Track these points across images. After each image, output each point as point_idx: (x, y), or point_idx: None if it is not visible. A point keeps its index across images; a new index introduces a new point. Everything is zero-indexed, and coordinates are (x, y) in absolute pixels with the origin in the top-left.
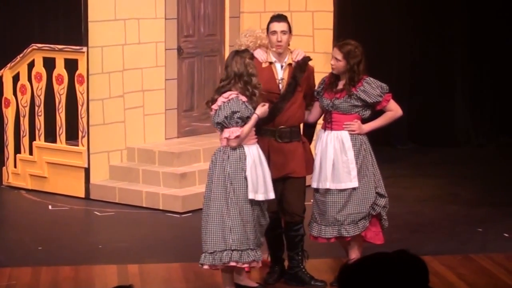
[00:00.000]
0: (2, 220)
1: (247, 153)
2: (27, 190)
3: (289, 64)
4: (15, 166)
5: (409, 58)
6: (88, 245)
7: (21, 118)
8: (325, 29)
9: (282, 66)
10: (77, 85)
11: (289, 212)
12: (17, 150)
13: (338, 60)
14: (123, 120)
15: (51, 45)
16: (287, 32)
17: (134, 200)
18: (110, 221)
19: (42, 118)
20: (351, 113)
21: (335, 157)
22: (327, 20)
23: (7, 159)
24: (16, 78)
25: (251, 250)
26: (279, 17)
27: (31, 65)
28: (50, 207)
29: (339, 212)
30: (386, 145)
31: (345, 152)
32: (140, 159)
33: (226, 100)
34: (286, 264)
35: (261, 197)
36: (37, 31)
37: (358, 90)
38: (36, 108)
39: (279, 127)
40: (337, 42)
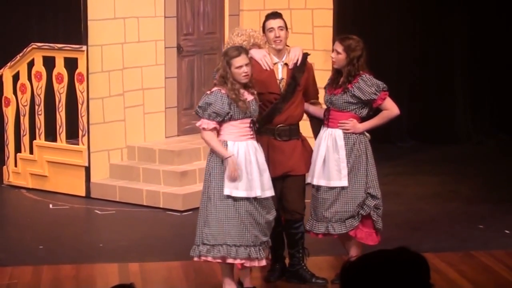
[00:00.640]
0: (3, 219)
1: (230, 148)
2: (27, 189)
3: (286, 64)
4: (15, 165)
5: (409, 55)
6: (88, 244)
7: (21, 117)
8: (324, 26)
9: (281, 65)
10: (77, 84)
11: (289, 210)
12: (18, 149)
13: (339, 53)
14: (123, 119)
15: (51, 44)
16: (283, 28)
17: (134, 199)
18: (111, 220)
19: (42, 117)
20: (347, 110)
21: (327, 155)
22: (327, 17)
23: (8, 158)
24: (16, 77)
25: (233, 247)
26: (274, 15)
27: (31, 64)
28: (50, 206)
29: (327, 209)
30: (386, 143)
31: (337, 151)
32: (140, 157)
33: (209, 93)
34: (287, 262)
35: (241, 194)
36: (37, 30)
37: (353, 86)
38: (36, 107)
39: (278, 125)
40: (338, 37)
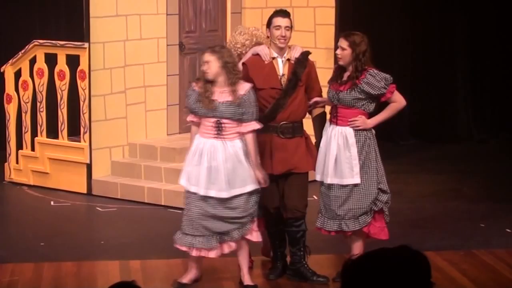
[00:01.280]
0: (5, 216)
1: (195, 142)
2: (29, 186)
3: (288, 60)
4: (17, 162)
5: (410, 53)
6: (90, 241)
7: (23, 114)
8: (326, 24)
9: (282, 61)
10: (79, 81)
11: (291, 208)
12: (19, 146)
13: (344, 49)
14: (125, 116)
15: (53, 41)
16: (290, 28)
17: (136, 196)
18: (112, 217)
19: (44, 114)
20: (356, 107)
21: (338, 153)
22: (329, 15)
23: (9, 155)
24: (18, 74)
25: (180, 233)
26: (284, 13)
27: (33, 61)
28: (52, 203)
29: (340, 207)
30: (388, 141)
31: (349, 148)
32: (142, 155)
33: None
34: (288, 260)
35: (193, 188)
36: (39, 27)
37: (361, 82)
38: (38, 104)
39: (281, 123)
40: (342, 33)
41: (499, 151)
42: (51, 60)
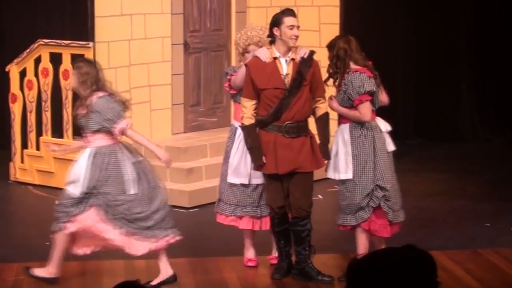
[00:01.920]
0: (10, 216)
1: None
2: (34, 185)
3: (292, 59)
4: (22, 162)
5: (415, 53)
6: None
7: (28, 114)
8: (331, 23)
9: (286, 61)
10: None
11: (296, 207)
12: (24, 145)
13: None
14: (130, 115)
15: (58, 41)
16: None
17: None
18: None
19: (49, 114)
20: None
21: (338, 149)
22: (334, 14)
23: (14, 154)
24: (23, 74)
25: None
26: (294, 12)
27: (37, 61)
28: (57, 202)
29: (342, 202)
30: (393, 140)
31: (345, 144)
32: (146, 154)
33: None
34: (293, 259)
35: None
36: (44, 26)
37: (342, 83)
38: (43, 103)
39: (286, 122)
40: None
41: (504, 150)
42: (56, 59)
